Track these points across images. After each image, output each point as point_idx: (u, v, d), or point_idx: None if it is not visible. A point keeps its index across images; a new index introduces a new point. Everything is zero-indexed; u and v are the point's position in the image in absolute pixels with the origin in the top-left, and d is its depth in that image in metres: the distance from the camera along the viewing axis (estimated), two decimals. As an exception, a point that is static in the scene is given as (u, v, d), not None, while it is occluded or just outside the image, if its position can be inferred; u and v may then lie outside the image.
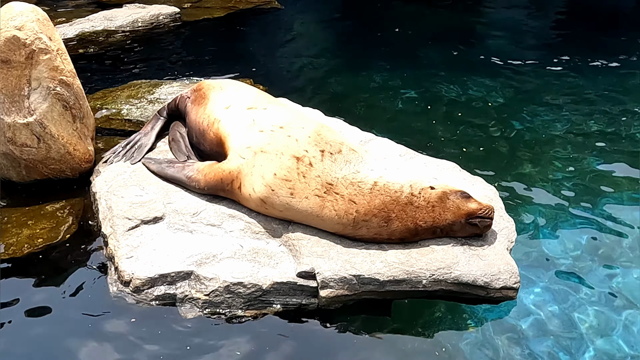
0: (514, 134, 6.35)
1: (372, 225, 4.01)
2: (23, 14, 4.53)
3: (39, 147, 4.68)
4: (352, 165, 4.10)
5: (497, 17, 10.06)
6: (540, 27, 9.74)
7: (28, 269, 4.21)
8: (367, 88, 7.41)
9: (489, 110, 6.85)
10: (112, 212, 4.33)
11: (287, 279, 3.91)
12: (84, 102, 4.89)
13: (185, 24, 8.77)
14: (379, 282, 3.87)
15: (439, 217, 4.02)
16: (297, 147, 4.16)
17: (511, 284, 3.91)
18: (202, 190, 4.46)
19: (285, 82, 7.49)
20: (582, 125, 6.53)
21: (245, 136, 4.38)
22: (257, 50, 8.47)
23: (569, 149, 6.04)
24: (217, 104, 4.77)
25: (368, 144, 5.06)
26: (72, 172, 4.90)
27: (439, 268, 3.91)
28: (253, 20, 9.28)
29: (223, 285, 3.86)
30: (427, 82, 7.50)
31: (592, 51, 8.37)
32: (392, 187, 4.01)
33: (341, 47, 8.92)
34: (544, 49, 8.71)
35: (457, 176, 4.73)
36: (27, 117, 4.57)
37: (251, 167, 4.22)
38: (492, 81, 7.52)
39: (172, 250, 4.04)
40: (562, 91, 7.31)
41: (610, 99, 7.10)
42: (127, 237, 4.14)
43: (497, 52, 8.45)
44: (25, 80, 4.54)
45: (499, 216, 4.32)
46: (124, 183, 4.59)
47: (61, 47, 4.71)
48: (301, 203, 4.07)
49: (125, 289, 3.92)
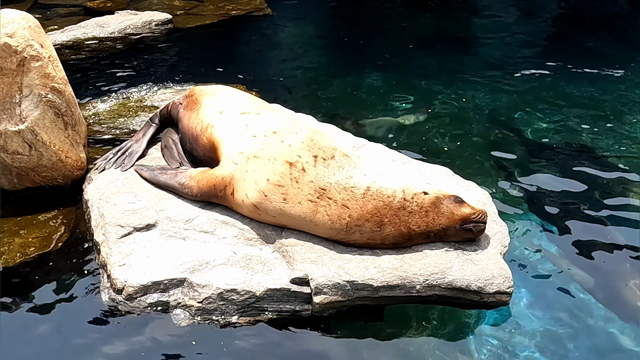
0: (507, 138, 6.37)
1: (365, 230, 4.00)
2: (14, 21, 4.51)
3: (31, 155, 4.66)
4: (345, 170, 4.10)
5: (489, 22, 10.10)
6: (532, 31, 9.77)
7: (20, 278, 4.18)
8: (359, 93, 7.42)
9: (481, 115, 6.87)
10: (105, 219, 4.31)
11: (281, 285, 3.90)
12: (75, 110, 4.87)
13: (177, 30, 8.76)
14: (372, 288, 3.86)
15: (432, 222, 4.02)
16: (290, 152, 4.16)
17: (505, 288, 3.91)
18: (195, 197, 4.45)
19: (278, 88, 7.49)
20: (576, 129, 6.55)
21: (238, 141, 4.37)
22: (249, 57, 8.47)
23: (562, 153, 6.06)
24: (210, 109, 4.76)
25: (361, 150, 5.07)
26: (64, 179, 4.88)
27: (433, 273, 3.91)
28: (245, 26, 9.29)
29: (216, 293, 3.84)
30: (419, 87, 7.52)
31: (584, 55, 8.42)
32: (384, 192, 4.01)
33: (333, 53, 8.93)
34: (537, 53, 8.75)
35: (450, 181, 4.73)
36: (19, 125, 4.55)
37: (244, 172, 4.21)
38: (484, 85, 7.54)
39: (165, 257, 4.03)
40: (555, 95, 7.33)
41: (603, 103, 7.12)
42: (120, 245, 4.12)
43: (489, 57, 8.49)
44: (17, 87, 4.52)
45: (492, 221, 4.32)
46: (116, 190, 4.57)
47: (53, 54, 4.70)
48: (294, 208, 4.07)
49: (118, 296, 3.90)
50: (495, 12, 10.42)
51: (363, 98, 7.33)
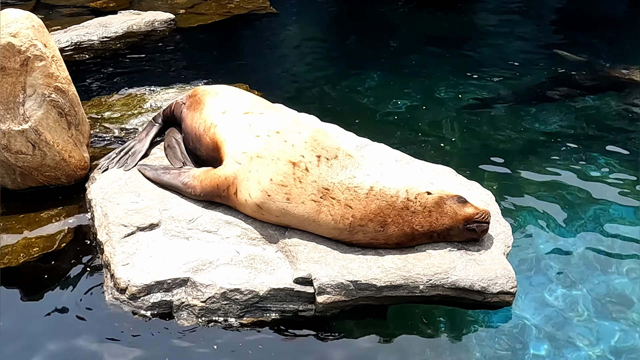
0: (510, 138, 6.36)
1: (368, 230, 4.00)
2: (18, 20, 4.52)
3: (34, 155, 4.66)
4: (348, 170, 4.10)
5: (492, 22, 10.09)
6: (535, 31, 9.77)
7: (24, 277, 4.19)
8: (363, 93, 7.41)
9: (484, 115, 6.86)
10: (108, 219, 4.31)
11: (284, 285, 3.89)
12: (79, 109, 4.88)
13: (180, 30, 8.77)
14: (376, 288, 3.86)
15: (435, 222, 4.02)
16: (294, 152, 4.16)
17: (508, 288, 3.90)
18: (198, 197, 4.45)
19: (281, 88, 7.49)
20: (579, 130, 6.54)
21: (242, 141, 4.37)
22: (252, 56, 8.47)
23: (566, 153, 6.05)
24: (213, 109, 4.76)
25: (364, 149, 5.06)
26: (68, 179, 4.88)
27: (436, 273, 3.90)
28: (248, 25, 9.29)
29: (220, 292, 3.84)
30: (422, 87, 7.51)
31: (587, 55, 8.40)
32: (388, 192, 4.01)
33: (337, 52, 8.92)
34: (539, 53, 8.73)
35: (453, 181, 4.73)
36: (22, 124, 4.56)
37: (247, 172, 4.21)
38: (487, 85, 7.53)
39: (168, 257, 4.03)
40: (558, 95, 7.32)
41: (607, 104, 7.11)
42: (123, 244, 4.13)
43: (492, 57, 8.48)
44: (20, 87, 4.53)
45: (496, 221, 4.32)
46: (120, 190, 4.57)
47: (56, 54, 4.70)
48: (297, 208, 4.07)
49: (121, 296, 3.90)
50: (498, 11, 10.41)
51: (366, 97, 7.32)
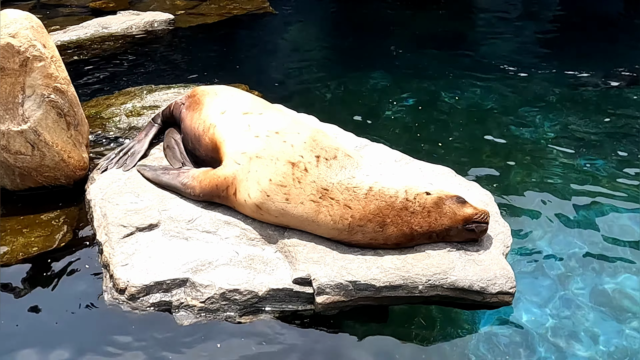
0: (509, 138, 6.36)
1: (367, 230, 4.00)
2: (17, 21, 4.52)
3: (33, 155, 4.66)
4: (347, 170, 4.10)
5: (490, 22, 10.10)
6: (533, 32, 9.78)
7: (22, 277, 4.19)
8: (362, 93, 7.42)
9: (484, 115, 6.87)
10: (107, 219, 4.31)
11: (283, 285, 3.90)
12: (78, 110, 4.88)
13: (179, 30, 8.78)
14: (375, 288, 3.86)
15: (434, 222, 4.02)
16: (293, 152, 4.16)
17: (507, 289, 3.91)
18: (198, 197, 4.45)
19: (280, 88, 7.50)
20: (578, 130, 6.55)
21: (241, 142, 4.37)
22: (251, 56, 8.48)
23: (565, 154, 6.06)
24: (212, 109, 4.76)
25: (363, 150, 5.07)
26: (67, 179, 4.88)
27: (435, 273, 3.91)
28: (247, 26, 9.30)
29: (219, 293, 3.85)
30: (421, 88, 7.52)
31: (584, 56, 8.41)
32: (387, 193, 4.01)
33: (335, 52, 8.94)
34: (538, 54, 8.75)
35: (452, 181, 4.73)
36: (21, 125, 4.56)
37: (246, 172, 4.21)
38: (486, 86, 7.54)
39: (168, 257, 4.03)
40: (556, 96, 7.33)
41: (604, 104, 7.12)
42: (122, 245, 4.13)
43: (491, 58, 8.49)
44: (20, 87, 4.53)
45: (495, 221, 4.32)
46: (119, 190, 4.57)
47: (55, 54, 4.70)
48: (296, 208, 4.07)
49: (120, 296, 3.90)
50: (497, 12, 10.42)
51: (365, 97, 7.33)
